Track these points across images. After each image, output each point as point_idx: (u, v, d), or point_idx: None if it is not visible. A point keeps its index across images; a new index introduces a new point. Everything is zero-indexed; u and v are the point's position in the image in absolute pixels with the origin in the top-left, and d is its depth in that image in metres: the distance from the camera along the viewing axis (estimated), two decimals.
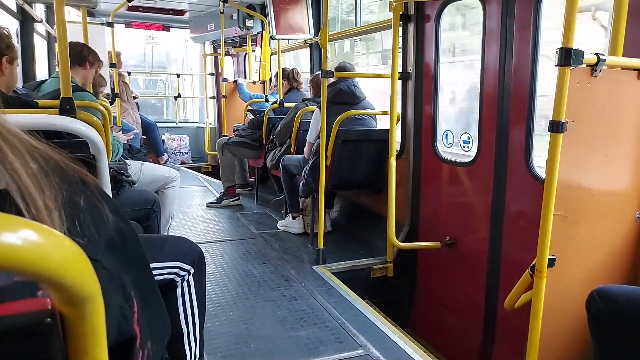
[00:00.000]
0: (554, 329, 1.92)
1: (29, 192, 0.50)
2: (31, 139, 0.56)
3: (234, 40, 6.70)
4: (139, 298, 0.70)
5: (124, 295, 0.65)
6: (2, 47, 1.99)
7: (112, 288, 0.60)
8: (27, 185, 0.50)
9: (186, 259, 1.57)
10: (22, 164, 0.51)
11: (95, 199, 0.63)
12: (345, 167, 3.63)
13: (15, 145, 0.52)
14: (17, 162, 0.50)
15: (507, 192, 2.76)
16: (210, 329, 2.38)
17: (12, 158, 0.50)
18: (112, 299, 0.58)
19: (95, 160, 1.50)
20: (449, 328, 3.26)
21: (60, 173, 0.57)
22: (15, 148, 0.52)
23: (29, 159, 0.53)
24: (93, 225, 0.60)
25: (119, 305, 0.62)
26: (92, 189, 0.64)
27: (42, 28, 4.39)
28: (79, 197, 0.59)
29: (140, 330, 0.68)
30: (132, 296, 0.68)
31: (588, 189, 1.88)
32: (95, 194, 0.64)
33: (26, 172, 0.51)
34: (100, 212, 0.63)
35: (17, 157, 0.51)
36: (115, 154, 2.69)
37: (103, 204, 0.65)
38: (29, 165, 0.52)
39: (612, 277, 2.02)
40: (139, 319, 0.68)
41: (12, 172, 0.49)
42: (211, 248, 3.65)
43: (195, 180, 6.27)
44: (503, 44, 2.70)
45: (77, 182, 0.61)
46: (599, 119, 1.83)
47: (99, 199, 0.65)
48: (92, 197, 0.63)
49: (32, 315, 0.43)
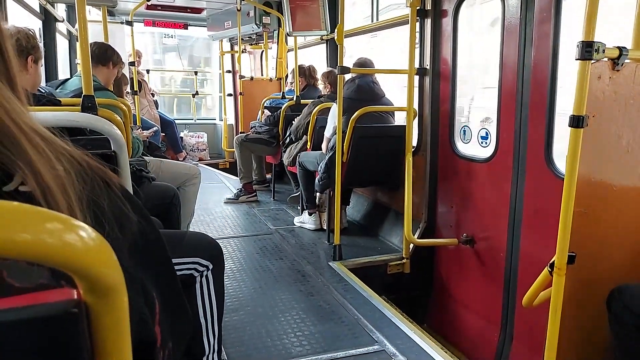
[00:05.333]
0: (573, 327, 1.89)
1: (52, 195, 0.50)
2: (57, 140, 0.57)
3: (250, 38, 6.73)
4: (160, 299, 0.71)
5: (145, 298, 0.65)
6: (28, 47, 2.04)
7: (133, 291, 0.61)
8: (51, 187, 0.50)
9: (205, 255, 1.59)
10: (47, 166, 0.51)
11: (119, 201, 0.64)
12: (362, 163, 3.63)
13: (41, 146, 0.52)
14: (41, 164, 0.51)
15: (526, 188, 2.73)
16: (228, 324, 2.41)
17: (37, 160, 0.51)
18: (133, 303, 0.59)
19: (117, 157, 1.53)
20: (466, 325, 3.24)
21: (84, 175, 0.58)
22: (41, 149, 0.52)
23: (54, 161, 0.53)
24: (117, 227, 0.60)
25: (140, 310, 0.62)
26: (115, 191, 0.65)
27: (64, 27, 4.48)
28: (102, 199, 0.60)
29: (162, 330, 0.69)
30: (154, 297, 0.68)
31: (609, 185, 1.85)
32: (119, 196, 0.65)
33: (50, 174, 0.51)
34: (125, 214, 0.64)
35: (43, 159, 0.51)
36: (135, 151, 2.74)
37: (127, 206, 0.65)
38: (54, 167, 0.52)
39: (634, 275, 1.98)
40: (160, 320, 0.69)
41: (37, 174, 0.50)
42: (229, 243, 3.69)
43: (213, 176, 6.33)
44: (522, 39, 2.66)
45: (101, 184, 0.61)
46: (620, 113, 1.79)
47: (123, 201, 0.65)
48: (116, 199, 0.63)
49: (58, 305, 0.44)
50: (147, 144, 3.76)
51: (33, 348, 0.44)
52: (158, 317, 0.68)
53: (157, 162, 3.05)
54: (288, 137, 4.60)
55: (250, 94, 6.31)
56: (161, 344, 0.69)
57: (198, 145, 7.54)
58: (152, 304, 0.67)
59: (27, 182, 0.49)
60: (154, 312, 0.67)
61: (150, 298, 0.67)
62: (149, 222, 0.72)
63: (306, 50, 6.24)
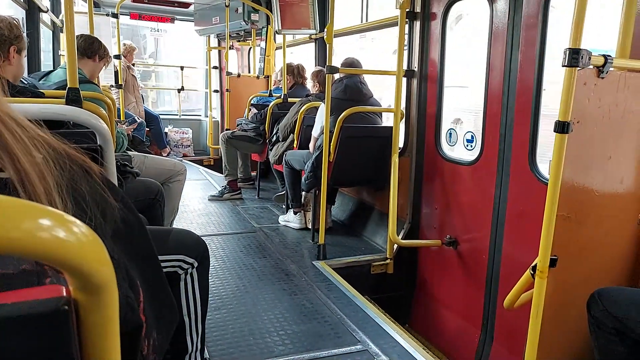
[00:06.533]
0: (554, 329, 1.93)
1: (30, 180, 0.50)
2: (35, 128, 0.57)
3: (238, 34, 6.68)
4: (145, 288, 0.70)
5: (130, 285, 0.65)
6: (11, 36, 1.99)
7: (119, 277, 0.61)
8: (28, 173, 0.50)
9: (190, 252, 1.57)
10: (24, 152, 0.51)
11: (99, 187, 0.64)
12: (348, 163, 3.63)
13: (18, 133, 0.52)
14: (18, 150, 0.50)
15: (510, 192, 2.77)
16: (211, 322, 2.39)
17: (15, 146, 0.50)
18: (119, 289, 0.58)
19: (103, 150, 1.51)
20: (447, 326, 3.27)
21: (62, 162, 0.58)
22: (18, 136, 0.52)
23: (32, 148, 0.53)
24: (99, 213, 0.60)
25: (125, 294, 0.62)
26: (95, 178, 0.64)
27: (48, 18, 4.39)
28: (82, 186, 0.60)
29: (146, 319, 0.68)
30: (138, 285, 0.68)
31: (591, 190, 1.88)
32: (99, 183, 0.65)
33: (27, 159, 0.51)
34: (106, 200, 0.64)
35: (20, 145, 0.51)
36: (120, 146, 2.70)
37: (107, 193, 0.65)
38: (31, 154, 0.52)
39: (613, 279, 2.03)
40: (144, 308, 0.69)
41: (14, 159, 0.50)
42: (212, 241, 3.66)
43: (197, 173, 6.28)
44: (509, 43, 2.70)
45: (80, 171, 0.61)
46: (604, 120, 1.83)
47: (104, 188, 0.65)
48: (96, 186, 0.63)
49: (48, 302, 0.43)
50: (131, 138, 3.70)
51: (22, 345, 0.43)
52: (142, 305, 0.68)
53: (142, 157, 3.01)
54: (275, 135, 4.58)
55: (237, 91, 6.27)
56: (146, 333, 0.68)
57: (182, 141, 7.46)
58: (137, 292, 0.67)
59: (5, 168, 0.49)
60: (138, 299, 0.67)
61: (134, 285, 0.66)
62: (133, 211, 0.72)
63: (295, 48, 6.23)
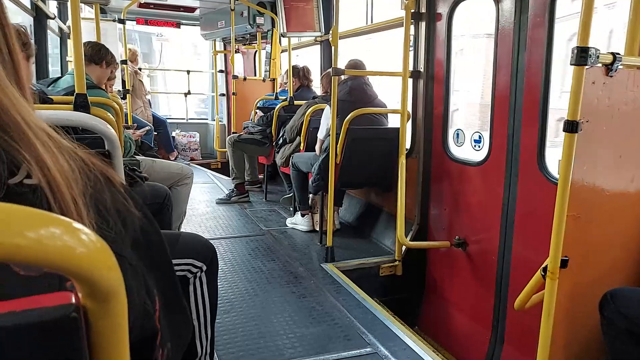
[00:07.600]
0: (565, 330, 1.91)
1: (58, 187, 0.51)
2: (60, 137, 0.58)
3: (244, 38, 6.71)
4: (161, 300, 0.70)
5: (147, 293, 0.65)
6: (19, 44, 2.01)
7: (137, 285, 0.61)
8: (57, 180, 0.51)
9: (199, 256, 1.57)
10: (52, 159, 0.52)
11: (120, 197, 0.64)
12: (355, 165, 3.63)
13: (47, 142, 0.54)
14: (47, 158, 0.52)
15: (519, 192, 2.74)
16: (220, 325, 2.40)
17: (43, 153, 0.52)
18: (137, 296, 0.58)
19: (111, 156, 1.52)
20: (457, 328, 3.25)
21: (87, 171, 0.58)
22: (47, 145, 0.53)
23: (59, 156, 0.54)
24: (120, 222, 0.60)
25: (143, 301, 0.62)
26: (117, 187, 0.65)
27: (55, 24, 4.43)
28: (105, 195, 0.60)
29: (161, 329, 0.68)
30: (155, 295, 0.68)
31: (601, 190, 1.86)
32: (121, 192, 0.65)
33: (56, 167, 0.52)
34: (127, 209, 0.64)
35: (48, 153, 0.52)
36: (127, 151, 2.71)
37: (129, 202, 0.65)
38: (59, 162, 0.53)
39: (625, 279, 2.00)
40: (160, 318, 0.69)
41: (44, 167, 0.51)
42: (220, 244, 3.67)
43: (205, 176, 6.30)
44: (516, 43, 2.68)
45: (102, 179, 0.62)
46: (613, 119, 1.81)
47: (125, 197, 0.65)
48: (117, 195, 0.63)
49: (58, 309, 0.43)
50: (139, 143, 3.72)
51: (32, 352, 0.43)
52: (158, 314, 0.68)
53: (150, 161, 3.02)
54: (281, 137, 4.59)
55: (242, 94, 6.29)
56: (160, 342, 0.68)
57: (190, 145, 7.50)
58: (153, 300, 0.67)
59: (33, 175, 0.50)
60: (154, 307, 0.67)
61: (151, 293, 0.66)
62: (151, 221, 0.72)
63: (300, 50, 6.24)
